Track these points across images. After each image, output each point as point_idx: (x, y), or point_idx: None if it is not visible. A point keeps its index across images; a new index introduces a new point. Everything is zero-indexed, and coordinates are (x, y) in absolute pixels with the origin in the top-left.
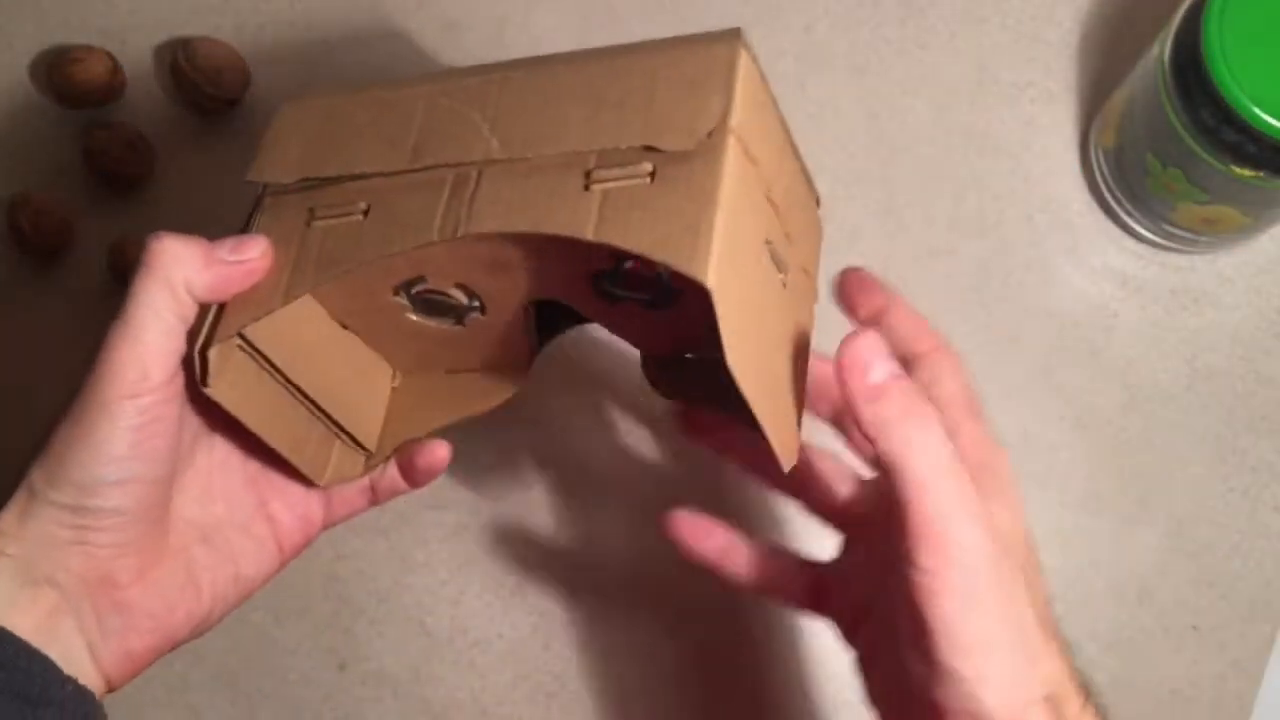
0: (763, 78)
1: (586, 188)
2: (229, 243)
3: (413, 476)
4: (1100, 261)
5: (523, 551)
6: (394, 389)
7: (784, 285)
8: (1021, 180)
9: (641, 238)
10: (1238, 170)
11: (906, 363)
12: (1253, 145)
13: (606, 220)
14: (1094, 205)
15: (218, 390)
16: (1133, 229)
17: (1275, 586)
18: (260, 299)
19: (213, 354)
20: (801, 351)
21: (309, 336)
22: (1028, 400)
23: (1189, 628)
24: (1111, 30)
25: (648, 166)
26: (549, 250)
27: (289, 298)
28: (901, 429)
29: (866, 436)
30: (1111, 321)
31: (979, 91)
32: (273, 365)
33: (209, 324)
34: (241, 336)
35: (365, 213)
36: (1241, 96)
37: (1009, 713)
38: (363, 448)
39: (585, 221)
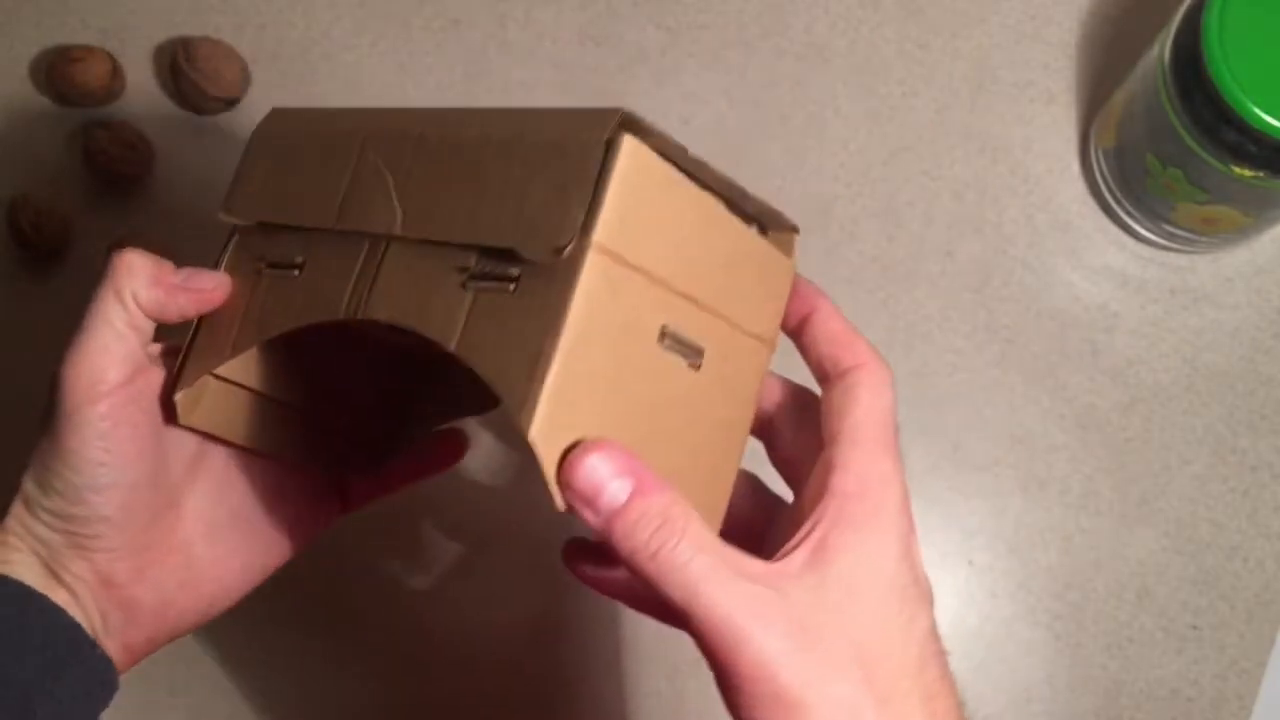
0: (664, 155)
1: (463, 285)
2: (186, 270)
3: (433, 463)
4: (1100, 261)
5: (523, 551)
6: None
7: (696, 369)
8: (1021, 180)
9: (490, 361)
10: (1237, 170)
11: (826, 378)
12: (1252, 145)
13: (470, 330)
14: (1094, 205)
15: (192, 421)
16: (1133, 229)
17: (1275, 587)
18: (216, 347)
19: (179, 398)
20: (725, 426)
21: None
22: (1028, 400)
23: (1189, 628)
24: (1111, 30)
25: (515, 271)
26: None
27: (236, 351)
28: (664, 556)
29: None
30: (1112, 321)
31: (979, 91)
32: (241, 384)
33: (175, 368)
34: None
35: (300, 268)
36: (1241, 96)
37: None
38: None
39: (454, 328)
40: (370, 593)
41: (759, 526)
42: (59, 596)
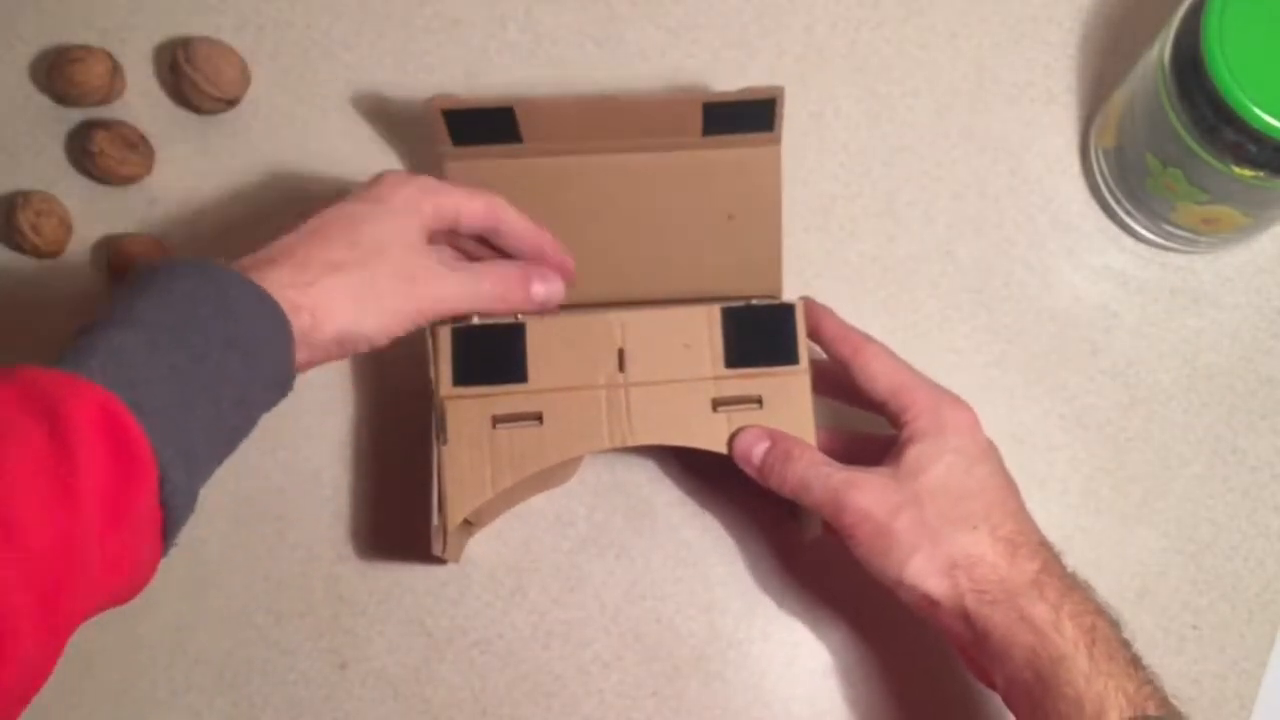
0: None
1: (715, 410)
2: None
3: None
4: (1100, 261)
5: (523, 552)
6: None
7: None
8: (1022, 180)
9: None
10: (1237, 170)
11: (842, 363)
12: (1252, 145)
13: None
14: (1094, 205)
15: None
16: (1133, 229)
17: (1275, 587)
18: (471, 492)
19: (450, 536)
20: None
21: None
22: (1028, 400)
23: (1189, 628)
24: (1111, 30)
25: (757, 396)
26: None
27: (495, 489)
28: (787, 472)
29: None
30: (1111, 321)
31: (979, 92)
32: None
33: (437, 511)
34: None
35: (539, 419)
36: (1241, 96)
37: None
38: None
39: (722, 439)
40: (371, 592)
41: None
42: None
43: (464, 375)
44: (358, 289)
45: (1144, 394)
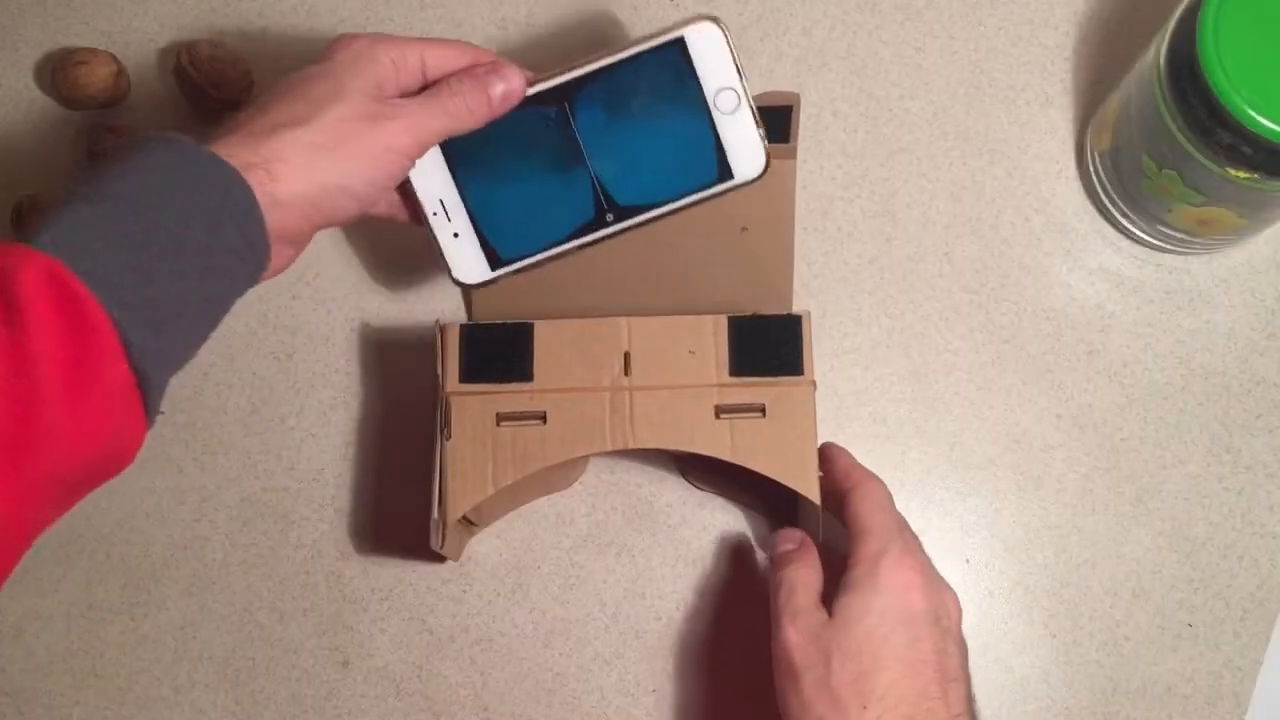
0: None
1: (717, 417)
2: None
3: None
4: (1096, 263)
5: (524, 550)
6: None
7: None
8: (1018, 182)
9: (767, 464)
10: (1233, 172)
11: (840, 499)
12: (1248, 147)
13: (739, 447)
14: (1090, 207)
15: (450, 553)
16: (1129, 230)
17: (1270, 585)
18: (472, 488)
19: (449, 532)
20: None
21: None
22: (1024, 400)
23: (1184, 626)
24: (1108, 33)
25: (760, 405)
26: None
27: (496, 486)
28: (782, 569)
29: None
30: (1108, 322)
31: (976, 94)
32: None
33: (437, 505)
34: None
35: (543, 418)
36: (1236, 99)
37: None
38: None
39: (724, 446)
40: (374, 590)
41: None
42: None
43: (470, 372)
44: (315, 138)
45: (1140, 394)
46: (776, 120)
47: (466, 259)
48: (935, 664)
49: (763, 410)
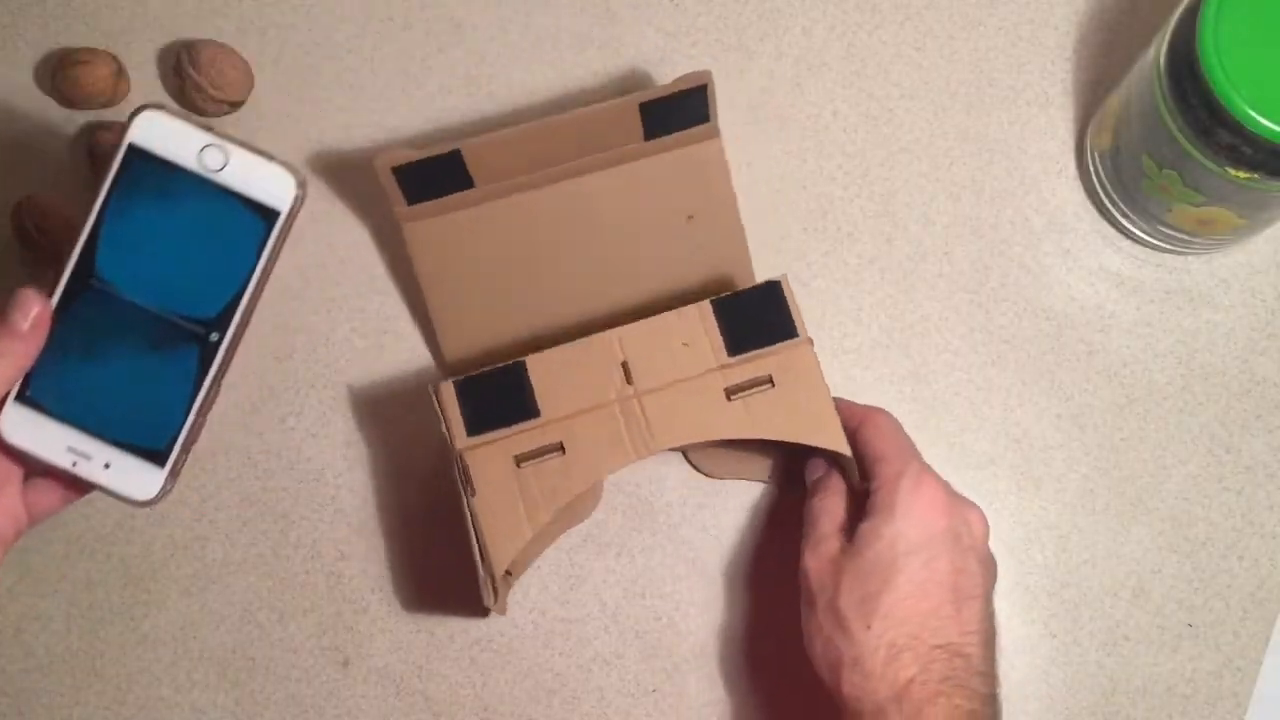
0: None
1: (729, 399)
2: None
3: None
4: (1096, 263)
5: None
6: None
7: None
8: (1018, 182)
9: (791, 429)
10: (1233, 172)
11: (854, 432)
12: (1247, 147)
13: (759, 422)
14: (1090, 207)
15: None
16: (1128, 230)
17: (1270, 585)
18: (510, 536)
19: (498, 585)
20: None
21: None
22: (1024, 400)
23: (1184, 625)
24: (1107, 33)
25: (767, 376)
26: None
27: (535, 527)
28: (811, 498)
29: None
30: (1107, 322)
31: (976, 94)
32: None
33: (481, 563)
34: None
35: (561, 449)
36: (1236, 99)
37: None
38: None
39: (744, 425)
40: (374, 590)
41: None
42: None
43: (476, 424)
44: None
45: (1140, 394)
46: (696, 101)
47: (135, 478)
48: (950, 583)
49: (770, 380)
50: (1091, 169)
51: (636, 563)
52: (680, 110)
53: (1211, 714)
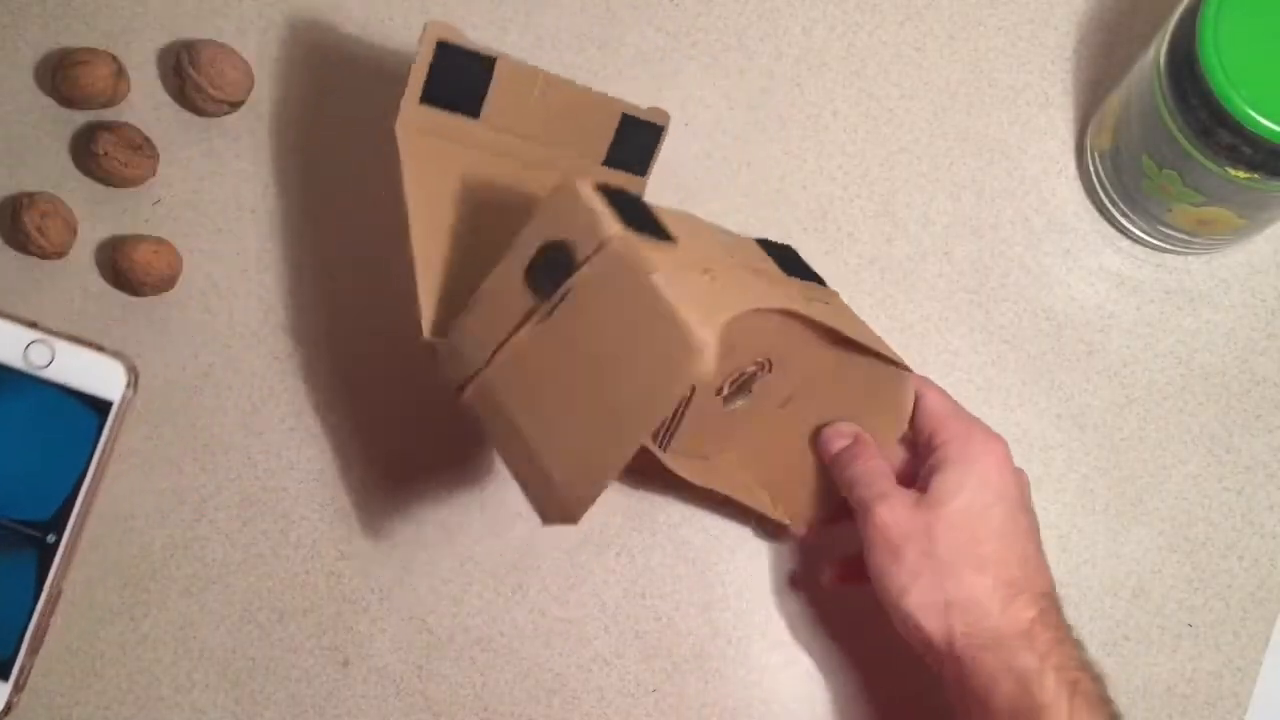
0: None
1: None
2: None
3: None
4: (1096, 263)
5: (524, 550)
6: None
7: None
8: (1018, 182)
9: (864, 336)
10: (1233, 172)
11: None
12: (1247, 147)
13: (840, 319)
14: (1090, 207)
15: None
16: (1128, 230)
17: (1270, 585)
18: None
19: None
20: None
21: None
22: (1024, 400)
23: (1184, 625)
24: (1107, 34)
25: (825, 296)
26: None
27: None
28: (849, 467)
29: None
30: (1107, 322)
31: (976, 94)
32: None
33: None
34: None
35: (708, 273)
36: (1236, 99)
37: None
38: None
39: (829, 316)
40: (373, 590)
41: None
42: None
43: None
44: None
45: (1139, 394)
46: (643, 137)
47: None
48: (1033, 536)
49: (827, 301)
50: (1091, 169)
51: (636, 563)
52: (638, 139)
53: (1211, 714)
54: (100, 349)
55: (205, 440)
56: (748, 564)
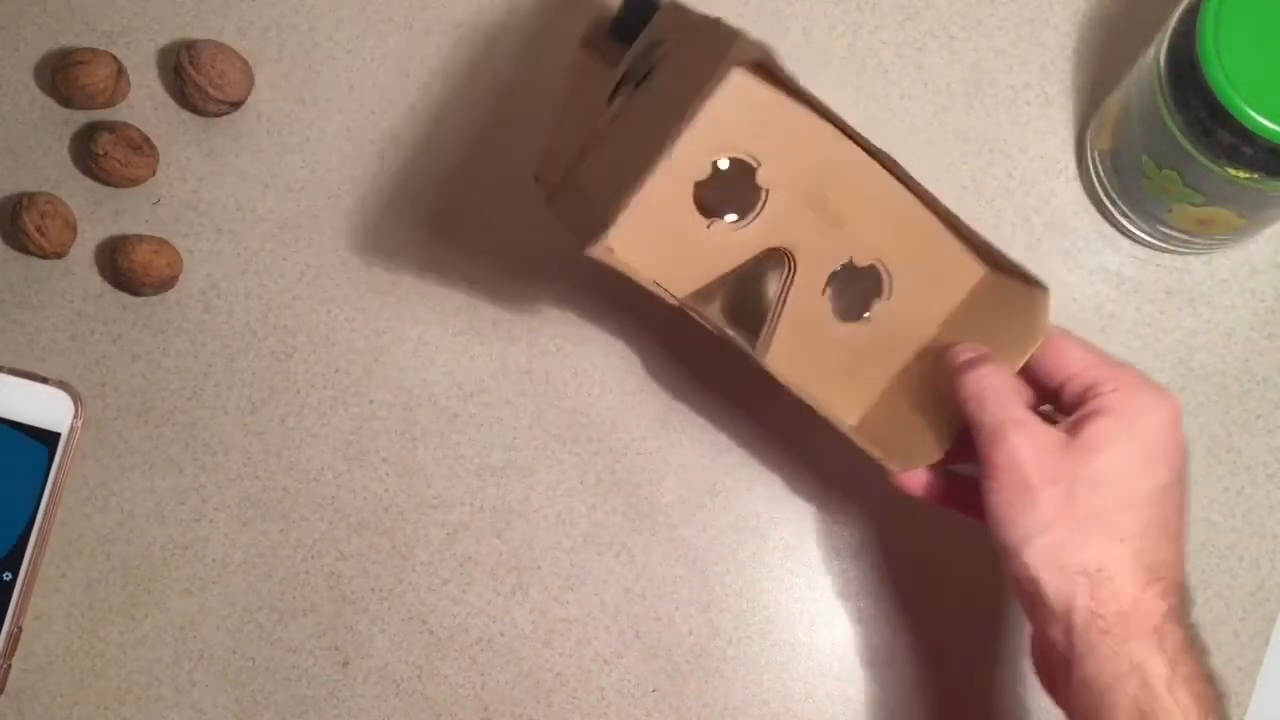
0: None
1: None
2: None
3: None
4: (1096, 263)
5: (523, 551)
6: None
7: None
8: (1018, 182)
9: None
10: (1233, 172)
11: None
12: (1248, 147)
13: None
14: (1090, 207)
15: None
16: (1128, 230)
17: (1270, 585)
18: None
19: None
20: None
21: None
22: None
23: None
24: (1108, 33)
25: None
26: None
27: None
28: (977, 379)
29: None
30: (1107, 322)
31: (976, 94)
32: None
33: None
34: None
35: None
36: (1236, 99)
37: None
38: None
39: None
40: (373, 590)
41: None
42: None
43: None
44: None
45: None
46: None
47: None
48: (1181, 507)
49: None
50: (1091, 169)
51: (636, 563)
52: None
53: None
54: (44, 380)
55: (205, 440)
56: (748, 564)
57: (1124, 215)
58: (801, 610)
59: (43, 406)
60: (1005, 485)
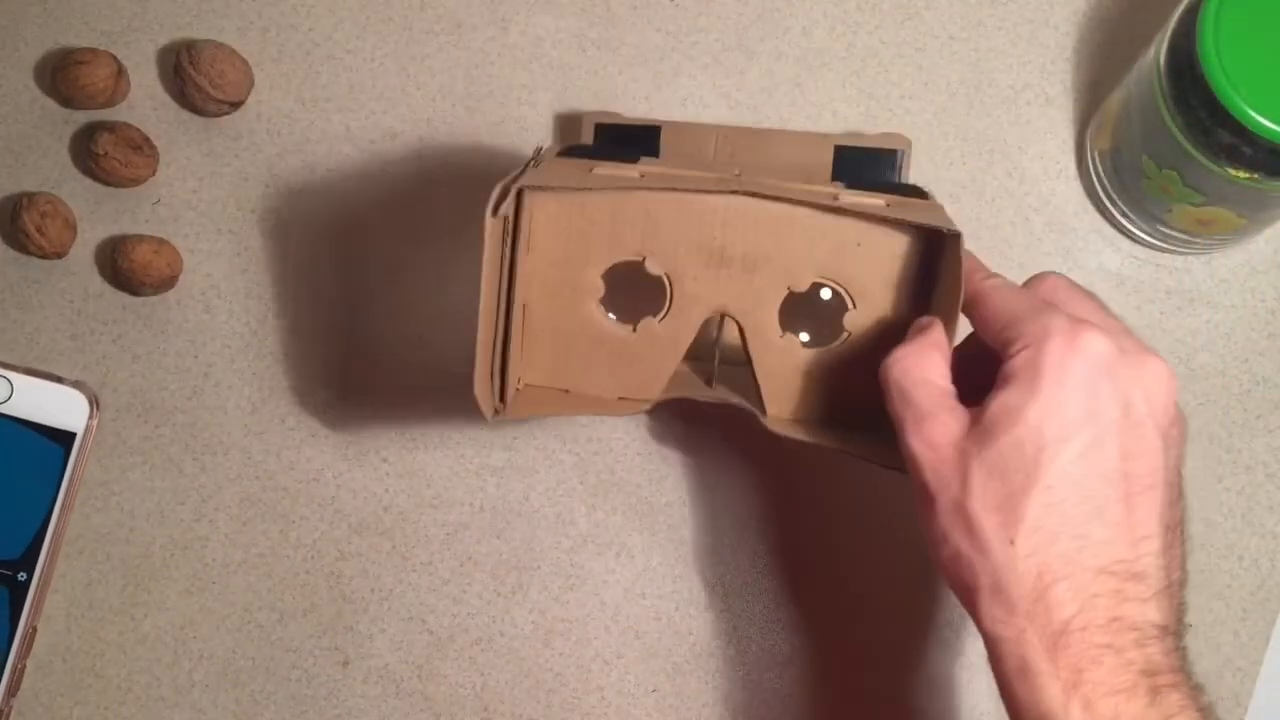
0: None
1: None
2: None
3: None
4: (1096, 263)
5: (523, 551)
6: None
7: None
8: (1018, 182)
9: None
10: (1233, 172)
11: (973, 301)
12: (1248, 147)
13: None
14: (1090, 207)
15: None
16: (1128, 230)
17: (1270, 585)
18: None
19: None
20: None
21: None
22: None
23: (1184, 626)
24: (1108, 33)
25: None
26: (777, 257)
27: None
28: (888, 374)
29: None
30: None
31: (976, 94)
32: None
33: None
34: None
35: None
36: (1236, 99)
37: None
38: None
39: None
40: (373, 590)
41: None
42: None
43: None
44: None
45: None
46: (884, 164)
47: None
48: (1119, 473)
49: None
50: (1091, 169)
51: (636, 563)
52: (871, 165)
53: None
54: (59, 380)
55: (205, 440)
56: (748, 564)
57: (1124, 215)
58: (803, 611)
59: (58, 407)
60: (917, 498)
